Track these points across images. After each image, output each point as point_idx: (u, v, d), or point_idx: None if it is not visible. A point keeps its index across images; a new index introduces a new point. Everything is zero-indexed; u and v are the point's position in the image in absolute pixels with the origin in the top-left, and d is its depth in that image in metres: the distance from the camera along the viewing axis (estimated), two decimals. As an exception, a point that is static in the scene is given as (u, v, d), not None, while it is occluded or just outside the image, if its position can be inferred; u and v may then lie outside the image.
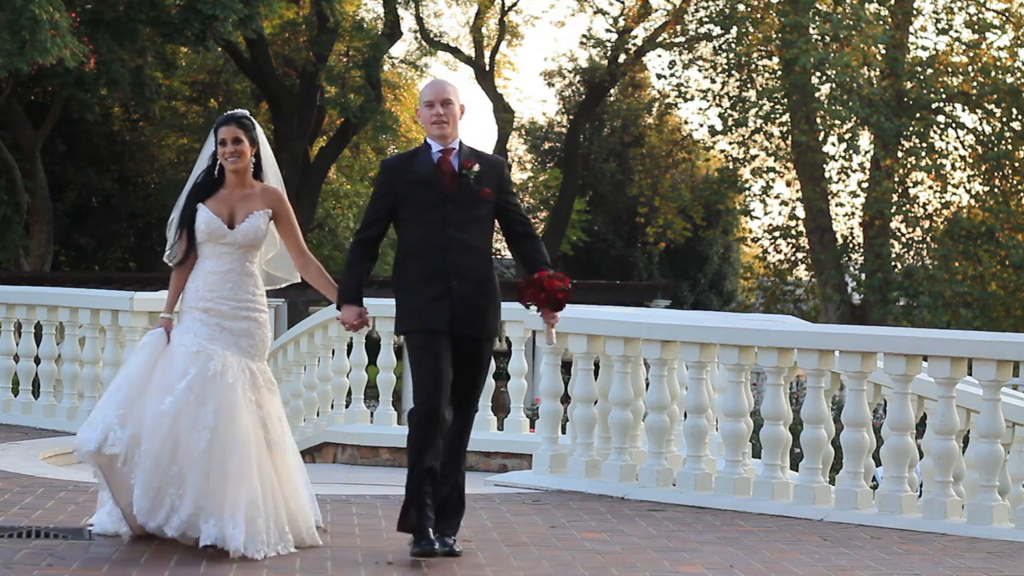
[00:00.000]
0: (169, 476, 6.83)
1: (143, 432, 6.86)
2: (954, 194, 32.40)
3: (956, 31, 31.79)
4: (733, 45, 32.42)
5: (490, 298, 7.08)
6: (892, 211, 31.35)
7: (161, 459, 6.84)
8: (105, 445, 6.85)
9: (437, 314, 6.94)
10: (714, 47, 33.22)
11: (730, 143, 33.26)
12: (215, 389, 6.95)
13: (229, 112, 7.35)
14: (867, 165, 31.84)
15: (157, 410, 6.88)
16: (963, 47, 31.76)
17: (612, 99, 40.45)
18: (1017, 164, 31.41)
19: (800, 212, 32.34)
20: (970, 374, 8.42)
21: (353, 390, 12.33)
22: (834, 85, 30.47)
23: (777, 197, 32.98)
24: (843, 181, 32.14)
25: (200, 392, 6.92)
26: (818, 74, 30.50)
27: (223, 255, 7.14)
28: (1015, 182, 31.66)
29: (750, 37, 32.05)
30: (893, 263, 31.71)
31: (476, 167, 7.03)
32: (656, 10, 35.25)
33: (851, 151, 31.20)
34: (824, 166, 31.60)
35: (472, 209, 7.03)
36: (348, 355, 12.36)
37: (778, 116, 31.71)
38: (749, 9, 31.77)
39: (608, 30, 35.77)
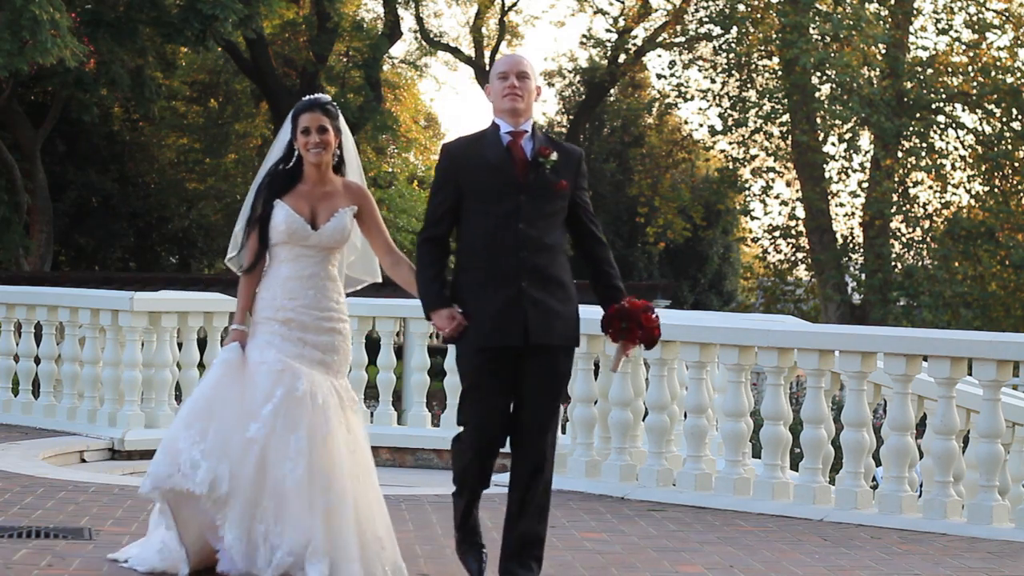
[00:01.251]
0: (263, 513, 6.04)
1: (228, 465, 6.04)
2: (954, 194, 32.39)
3: (956, 31, 31.79)
4: (733, 45, 32.42)
5: (567, 303, 6.13)
6: (892, 211, 31.35)
7: (251, 494, 6.03)
8: (181, 480, 6.02)
9: (508, 325, 6.01)
10: (714, 47, 33.22)
11: (730, 143, 33.25)
12: (305, 413, 6.11)
13: (311, 97, 6.40)
14: (867, 165, 31.84)
15: (242, 439, 6.05)
16: (963, 47, 31.76)
17: (612, 99, 40.45)
18: (1017, 164, 31.40)
19: (800, 212, 32.34)
20: (970, 374, 8.42)
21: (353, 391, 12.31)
22: (834, 85, 30.46)
23: (777, 197, 32.98)
24: (843, 181, 32.13)
25: (289, 416, 6.09)
26: (818, 74, 30.49)
27: (303, 258, 6.24)
28: (1015, 182, 31.65)
29: (750, 37, 32.04)
30: (893, 263, 31.71)
31: (554, 155, 6.12)
32: (656, 10, 35.27)
33: (851, 151, 31.20)
34: (824, 166, 31.59)
35: (546, 203, 6.10)
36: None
37: (778, 116, 31.71)
38: (749, 9, 31.77)
39: (608, 30, 35.78)
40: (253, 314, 6.26)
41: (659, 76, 35.20)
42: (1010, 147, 31.19)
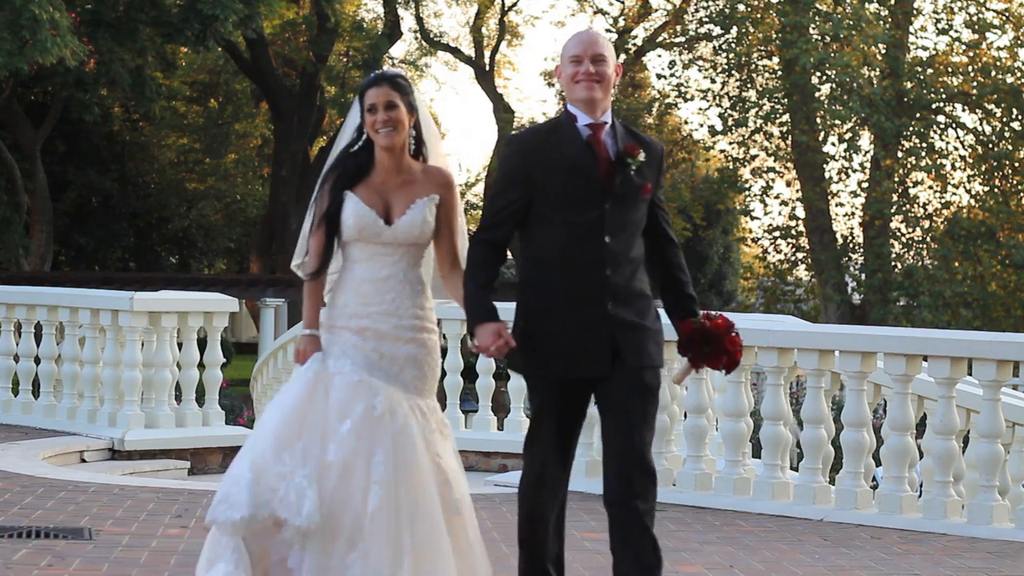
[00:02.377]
0: (341, 547, 5.19)
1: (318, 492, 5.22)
2: (954, 194, 32.41)
3: (956, 31, 31.81)
4: (733, 45, 32.43)
5: (654, 318, 5.32)
6: (892, 211, 31.37)
7: (330, 526, 5.18)
8: (281, 509, 5.12)
9: (592, 352, 5.20)
10: (714, 47, 33.25)
11: (730, 143, 33.28)
12: (385, 434, 5.25)
13: (379, 71, 5.56)
14: (867, 165, 31.86)
15: (320, 462, 5.20)
16: (963, 47, 31.77)
17: (612, 99, 40.45)
18: (1017, 164, 31.41)
19: (800, 212, 32.37)
20: (970, 374, 8.42)
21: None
22: (834, 85, 30.48)
23: (777, 197, 33.01)
24: (843, 181, 32.16)
25: (369, 437, 5.23)
26: (818, 74, 30.50)
27: (379, 257, 5.39)
28: (1015, 182, 31.66)
29: (750, 37, 32.05)
30: (893, 263, 31.73)
31: (642, 155, 5.25)
32: (656, 10, 35.30)
33: (851, 151, 31.22)
34: (824, 166, 31.61)
35: (631, 210, 5.24)
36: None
37: (778, 116, 31.73)
38: (749, 9, 31.78)
39: (608, 30, 35.78)
40: (324, 322, 5.42)
41: (659, 76, 35.24)
42: (1010, 147, 31.20)
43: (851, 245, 32.53)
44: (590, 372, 5.21)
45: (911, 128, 30.99)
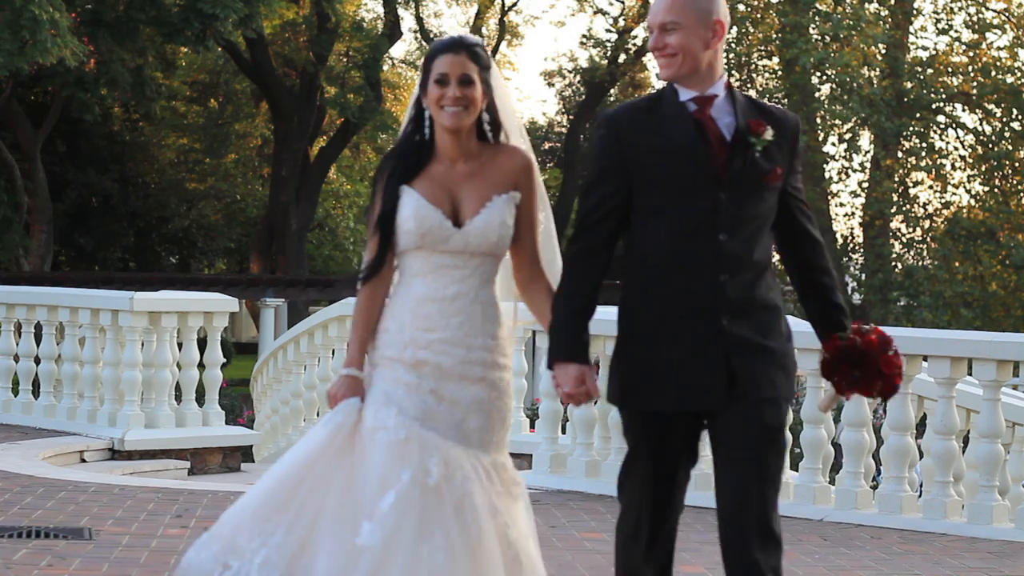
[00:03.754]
0: None
1: None
2: (954, 194, 32.43)
3: (956, 31, 31.82)
4: (733, 45, 32.44)
5: (783, 338, 4.30)
6: (892, 211, 31.37)
7: None
8: None
9: (703, 380, 4.15)
10: (714, 47, 33.26)
11: (730, 143, 33.27)
12: (443, 509, 4.11)
13: (452, 36, 4.39)
14: (867, 165, 31.87)
15: (345, 546, 4.05)
16: (963, 47, 31.77)
17: (612, 99, 40.46)
18: (1017, 164, 31.42)
19: (800, 212, 32.37)
20: (970, 374, 8.42)
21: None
22: (834, 85, 30.49)
23: (777, 197, 33.02)
24: (843, 181, 32.18)
25: (420, 513, 4.08)
26: (818, 74, 30.51)
27: (445, 270, 4.25)
28: (1015, 182, 31.67)
29: (750, 37, 32.06)
30: (893, 263, 31.74)
31: (769, 132, 4.21)
32: (656, 10, 35.31)
33: (851, 151, 31.23)
34: (824, 166, 31.62)
35: (754, 200, 4.18)
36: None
37: (778, 116, 31.73)
38: (749, 9, 31.78)
39: (608, 30, 35.82)
40: (372, 352, 4.28)
41: (659, 76, 35.26)
42: (1010, 147, 31.21)
43: (851, 245, 32.53)
44: (697, 404, 4.17)
45: (911, 128, 31.01)
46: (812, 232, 4.35)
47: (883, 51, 31.01)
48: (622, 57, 36.73)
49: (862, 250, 32.11)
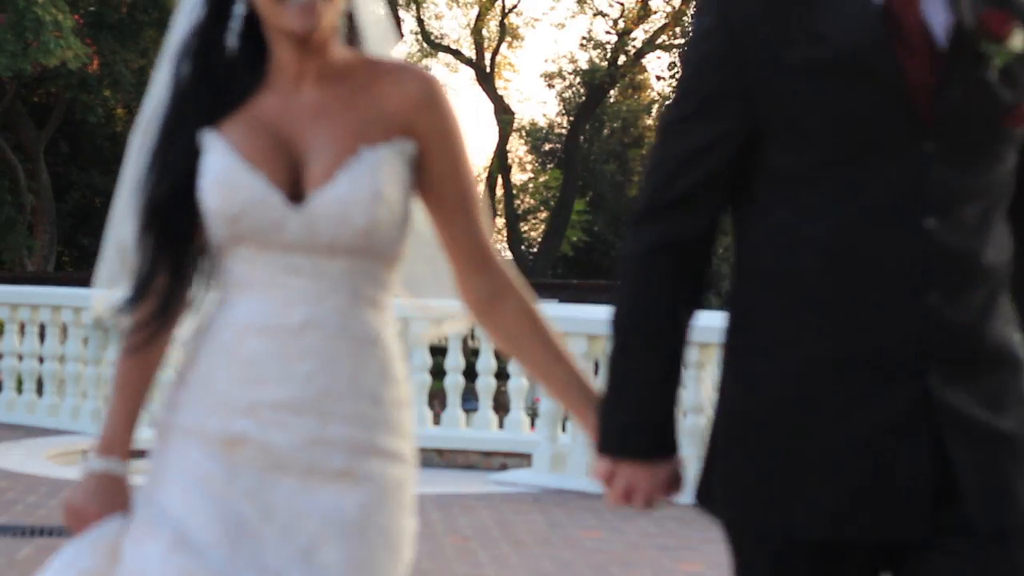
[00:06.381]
0: None
1: None
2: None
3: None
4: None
5: None
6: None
7: None
8: None
9: (890, 486, 2.19)
10: (715, 49, 33.37)
11: (731, 144, 33.38)
12: None
13: None
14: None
15: None
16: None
17: (612, 100, 40.53)
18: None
19: (801, 213, 32.47)
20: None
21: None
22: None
23: (778, 198, 33.12)
24: (844, 182, 32.26)
25: None
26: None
27: (285, 280, 2.38)
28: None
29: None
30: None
31: (1018, 37, 2.20)
32: (655, 12, 35.36)
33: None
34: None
35: (987, 160, 2.25)
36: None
37: (779, 117, 31.85)
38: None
39: (608, 32, 35.91)
40: (159, 417, 2.51)
41: (659, 78, 35.39)
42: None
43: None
44: (879, 532, 2.22)
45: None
46: None
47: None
48: (622, 59, 36.78)
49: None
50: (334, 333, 2.37)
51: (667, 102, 36.01)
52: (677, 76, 35.68)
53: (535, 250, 39.29)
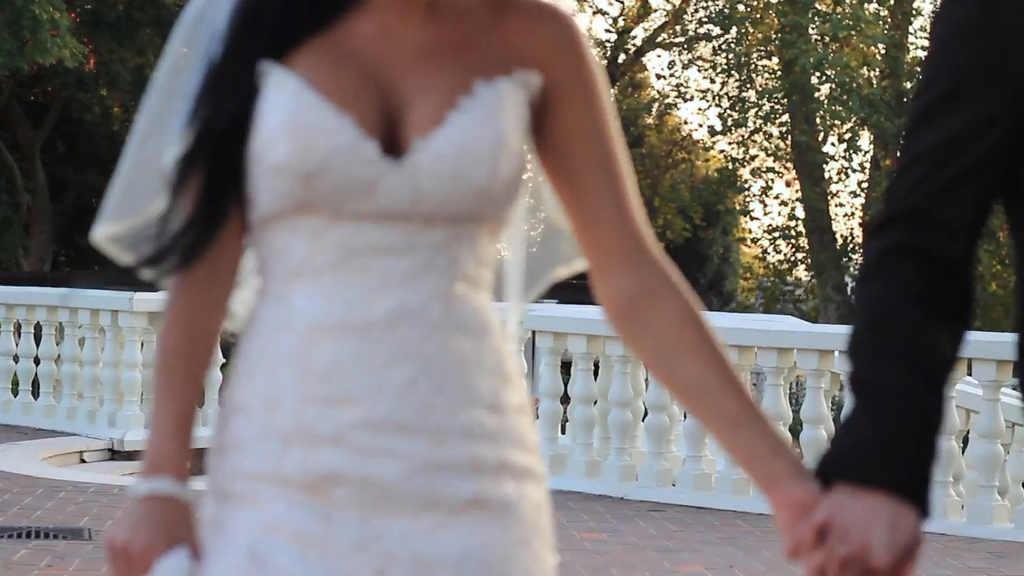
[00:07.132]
0: None
1: None
2: (954, 194, 32.42)
3: (956, 31, 31.82)
4: (733, 45, 32.46)
5: None
6: (892, 211, 31.38)
7: None
8: None
9: None
10: (714, 47, 33.28)
11: (730, 143, 33.30)
12: None
13: None
14: (867, 165, 31.88)
15: None
16: (963, 47, 31.78)
17: (612, 99, 40.53)
18: (1017, 164, 31.45)
19: (800, 212, 32.38)
20: (970, 374, 8.42)
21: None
22: (834, 85, 30.49)
23: (777, 197, 33.04)
24: (843, 181, 32.18)
25: None
26: (818, 74, 30.53)
27: (368, 260, 1.77)
28: (1015, 182, 31.69)
29: (750, 37, 32.08)
30: (893, 263, 31.74)
31: None
32: (655, 10, 35.32)
33: (851, 151, 31.23)
34: (824, 166, 31.63)
35: None
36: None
37: (778, 116, 31.76)
38: (749, 9, 31.80)
39: (607, 30, 35.84)
40: (213, 467, 1.83)
41: (659, 76, 35.31)
42: (1010, 147, 31.23)
43: (851, 245, 32.54)
44: None
45: (911, 128, 31.01)
46: None
47: (883, 51, 31.02)
48: (621, 57, 36.74)
49: (862, 250, 32.17)
50: (435, 325, 1.78)
51: (666, 100, 35.86)
52: (677, 75, 35.51)
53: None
